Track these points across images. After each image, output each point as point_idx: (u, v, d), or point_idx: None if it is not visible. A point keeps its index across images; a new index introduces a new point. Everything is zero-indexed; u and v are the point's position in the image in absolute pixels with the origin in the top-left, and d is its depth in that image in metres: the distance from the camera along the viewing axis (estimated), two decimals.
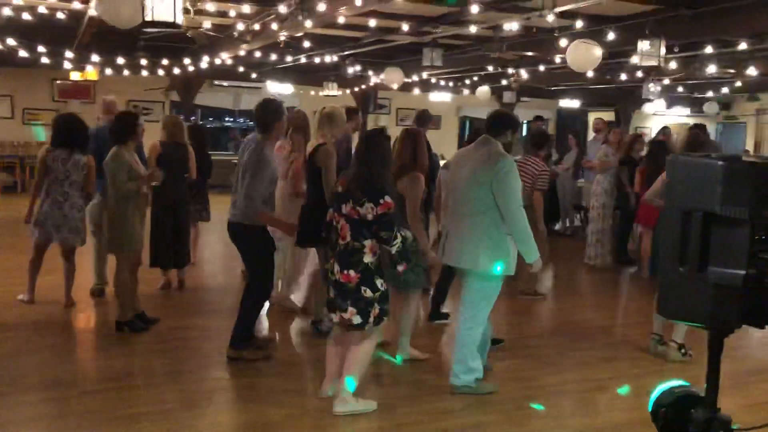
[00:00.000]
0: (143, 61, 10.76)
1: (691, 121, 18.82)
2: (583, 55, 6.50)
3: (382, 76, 10.47)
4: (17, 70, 14.25)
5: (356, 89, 14.26)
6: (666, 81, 11.44)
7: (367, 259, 4.13)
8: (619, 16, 7.46)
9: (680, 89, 12.75)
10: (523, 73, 12.04)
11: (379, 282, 4.19)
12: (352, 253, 4.14)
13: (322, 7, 5.68)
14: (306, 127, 6.52)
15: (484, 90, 14.45)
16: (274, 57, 10.56)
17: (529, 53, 9.88)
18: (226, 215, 5.26)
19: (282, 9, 5.93)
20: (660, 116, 19.09)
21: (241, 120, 18.64)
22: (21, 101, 15.71)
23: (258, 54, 10.26)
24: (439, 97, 16.40)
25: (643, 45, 6.15)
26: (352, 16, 6.87)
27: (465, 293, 4.69)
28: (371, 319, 4.20)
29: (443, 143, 15.99)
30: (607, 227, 9.16)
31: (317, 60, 11.00)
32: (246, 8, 6.34)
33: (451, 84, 15.01)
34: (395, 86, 10.75)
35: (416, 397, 4.69)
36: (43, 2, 7.17)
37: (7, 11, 7.10)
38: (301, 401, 4.59)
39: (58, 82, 15.61)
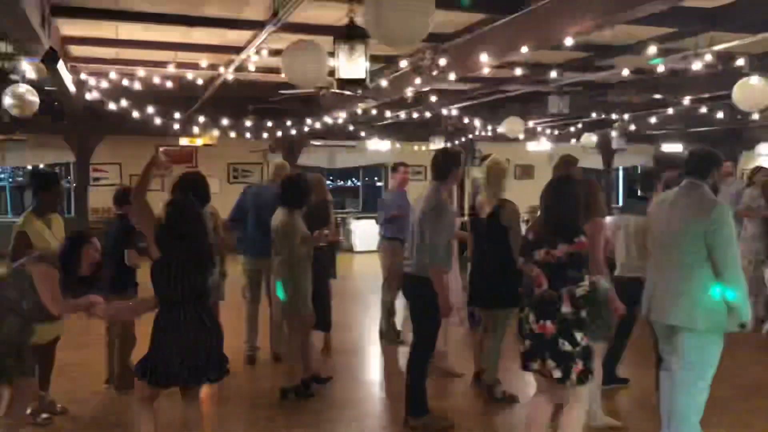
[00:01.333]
0: (257, 124, 10.85)
1: None
2: (755, 93, 6.08)
3: (502, 127, 10.26)
4: (124, 139, 14.66)
5: (457, 141, 14.12)
6: None
7: (565, 309, 3.88)
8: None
9: None
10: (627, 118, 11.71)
11: (578, 336, 3.90)
12: (549, 303, 3.92)
13: (484, 58, 5.49)
14: None
15: (590, 138, 14.06)
16: (388, 113, 10.50)
17: (657, 96, 9.50)
18: None
19: (442, 61, 5.79)
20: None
21: (338, 180, 18.65)
22: (127, 168, 16.12)
23: (374, 111, 10.21)
24: (537, 146, 16.02)
25: None
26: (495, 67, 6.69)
27: (681, 355, 4.19)
28: (573, 376, 3.88)
29: (537, 194, 15.55)
30: (760, 275, 8.52)
31: (427, 114, 10.93)
32: (404, 63, 6.25)
33: (550, 131, 14.66)
34: (521, 136, 10.51)
35: None
36: (193, 71, 7.29)
37: (156, 79, 7.25)
38: None
39: (163, 148, 15.96)
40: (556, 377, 3.91)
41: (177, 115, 9.87)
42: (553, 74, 7.05)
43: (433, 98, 8.87)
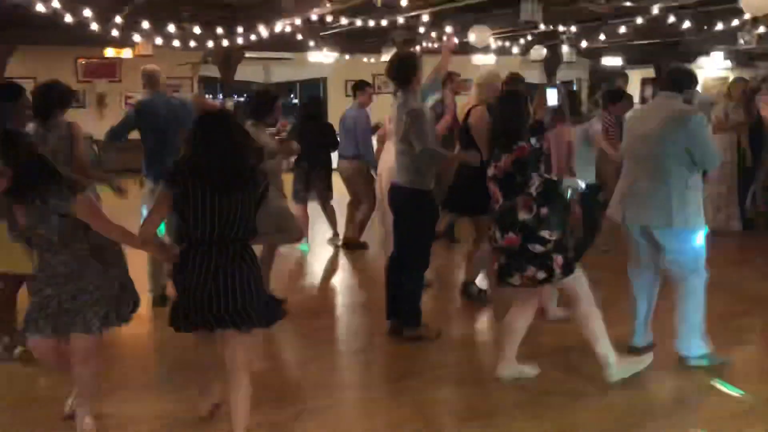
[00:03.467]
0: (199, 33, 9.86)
1: (733, 74, 18.20)
2: None
3: (470, 36, 9.67)
4: (39, 51, 13.31)
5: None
6: (761, 28, 10.72)
7: (522, 216, 3.96)
8: None
9: None
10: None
11: (545, 234, 3.94)
12: (506, 215, 4.03)
13: None
14: None
15: (539, 50, 13.72)
16: (344, 21, 9.77)
17: (628, 3, 9.15)
18: None
19: None
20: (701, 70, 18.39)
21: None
22: None
23: (329, 18, 9.47)
24: (483, 60, 15.56)
25: None
26: None
27: (677, 255, 4.33)
28: (557, 271, 3.94)
29: None
30: (725, 190, 8.53)
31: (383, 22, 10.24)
32: None
33: (499, 44, 14.15)
34: (493, 45, 10.03)
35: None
36: None
37: None
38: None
39: (83, 61, 14.65)
40: (541, 278, 3.97)
41: (117, 20, 8.79)
42: None
43: (404, 2, 8.15)
